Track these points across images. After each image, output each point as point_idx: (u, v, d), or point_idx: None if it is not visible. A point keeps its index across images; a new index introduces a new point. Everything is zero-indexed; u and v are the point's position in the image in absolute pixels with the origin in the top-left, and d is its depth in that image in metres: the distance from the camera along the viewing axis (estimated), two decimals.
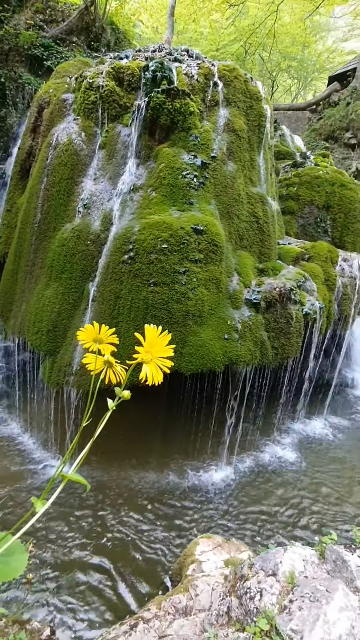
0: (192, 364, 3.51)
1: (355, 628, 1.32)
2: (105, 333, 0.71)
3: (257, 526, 3.46)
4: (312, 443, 4.80)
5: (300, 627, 1.33)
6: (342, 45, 20.86)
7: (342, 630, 1.29)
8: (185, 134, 3.76)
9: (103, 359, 0.70)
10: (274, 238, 4.43)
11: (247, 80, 4.21)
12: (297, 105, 13.05)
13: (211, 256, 3.55)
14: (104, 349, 0.71)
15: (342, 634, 1.29)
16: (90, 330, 0.70)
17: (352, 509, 3.72)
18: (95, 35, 10.34)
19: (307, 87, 23.91)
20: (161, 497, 3.71)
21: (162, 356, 0.65)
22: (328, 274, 4.64)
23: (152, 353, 0.64)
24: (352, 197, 5.78)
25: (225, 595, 1.99)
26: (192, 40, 18.92)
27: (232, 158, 3.95)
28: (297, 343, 4.01)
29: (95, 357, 0.69)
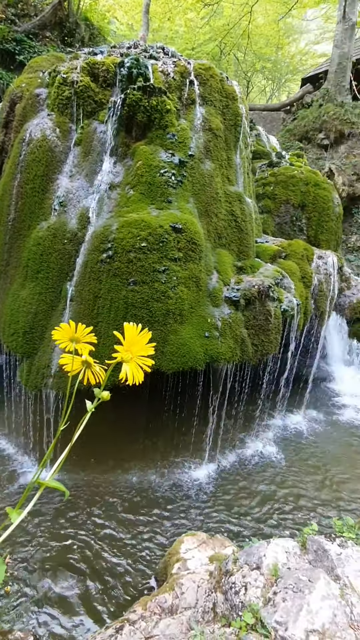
0: (174, 362, 3.51)
1: (337, 616, 1.36)
2: (82, 332, 0.68)
3: (241, 521, 3.50)
4: (292, 437, 4.91)
5: (285, 618, 1.35)
6: (314, 47, 21.38)
7: (324, 619, 1.32)
8: (163, 132, 3.75)
9: (81, 359, 0.67)
10: (252, 236, 4.49)
11: (223, 79, 4.24)
12: (271, 105, 13.27)
13: (191, 254, 3.55)
14: (81, 348, 0.68)
15: (325, 622, 1.32)
16: (67, 329, 0.67)
17: (332, 500, 3.83)
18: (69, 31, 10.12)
19: (281, 88, 24.38)
20: (144, 497, 3.69)
21: (143, 355, 0.63)
22: (304, 272, 4.74)
23: (132, 352, 0.62)
24: (325, 197, 5.94)
25: (210, 591, 2.00)
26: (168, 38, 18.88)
27: (210, 157, 3.96)
28: (276, 339, 4.08)
29: (73, 357, 0.66)
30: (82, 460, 4.00)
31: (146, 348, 0.63)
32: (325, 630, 1.30)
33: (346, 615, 1.43)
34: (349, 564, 1.68)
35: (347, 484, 4.08)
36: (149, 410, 4.54)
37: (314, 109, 9.89)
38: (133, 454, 4.22)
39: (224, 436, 4.58)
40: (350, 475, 4.20)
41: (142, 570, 3.04)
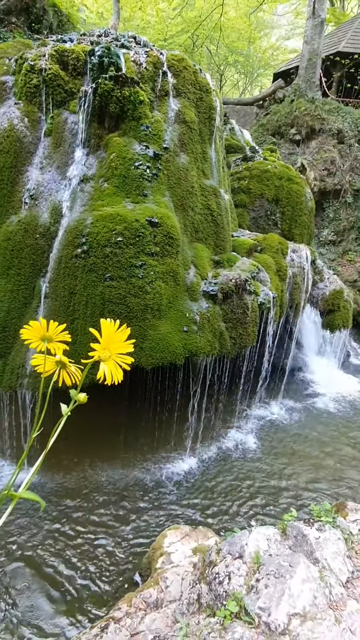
0: (153, 357, 3.49)
1: (317, 598, 1.40)
2: (54, 330, 0.63)
3: (223, 512, 3.56)
4: (270, 427, 5.02)
5: (267, 604, 1.38)
6: (285, 43, 21.63)
7: (305, 602, 1.36)
8: (136, 124, 3.67)
9: (55, 359, 0.63)
10: (228, 230, 4.51)
11: (196, 71, 4.20)
12: (245, 100, 13.33)
13: (167, 249, 3.52)
14: (55, 348, 0.64)
15: (306, 604, 1.36)
16: (37, 327, 0.62)
17: (311, 486, 3.96)
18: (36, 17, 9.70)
19: (254, 83, 24.54)
20: (126, 494, 3.68)
21: (122, 352, 0.60)
22: (279, 265, 4.83)
23: (110, 350, 0.59)
24: (298, 191, 6.05)
25: (195, 583, 2.02)
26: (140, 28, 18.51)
27: (184, 150, 3.93)
28: (254, 332, 4.14)
29: (45, 357, 0.62)
30: (62, 460, 3.92)
31: (125, 345, 0.60)
32: (306, 613, 1.34)
33: (325, 596, 1.48)
34: (327, 546, 1.74)
35: (325, 469, 4.23)
36: (129, 407, 4.50)
37: (286, 104, 10.02)
38: (115, 451, 4.18)
39: (205, 429, 4.63)
40: (327, 461, 4.36)
41: (127, 567, 3.04)
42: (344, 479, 4.09)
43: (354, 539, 1.89)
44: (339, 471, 4.22)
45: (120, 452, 4.18)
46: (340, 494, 3.89)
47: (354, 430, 5.02)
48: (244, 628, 1.34)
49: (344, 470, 4.24)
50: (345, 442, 4.76)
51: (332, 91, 11.62)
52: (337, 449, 4.61)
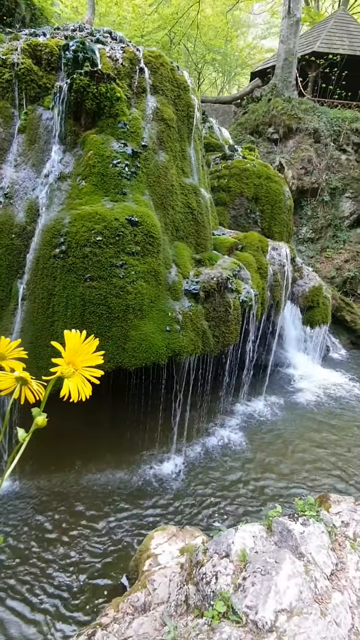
0: (136, 358, 3.45)
1: (303, 592, 1.42)
2: (6, 347, 0.58)
3: (210, 511, 3.57)
4: (254, 423, 5.08)
5: (254, 602, 1.38)
6: (261, 42, 21.85)
7: (291, 597, 1.37)
8: (114, 121, 3.61)
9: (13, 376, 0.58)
10: (209, 229, 4.52)
11: (174, 68, 4.17)
12: (223, 98, 13.38)
13: (148, 248, 3.49)
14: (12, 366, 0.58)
15: (292, 600, 1.37)
16: None
17: (296, 480, 4.03)
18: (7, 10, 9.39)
19: (232, 82, 24.68)
20: (111, 498, 3.63)
21: (90, 365, 0.55)
22: (260, 263, 4.88)
23: (76, 363, 0.54)
24: (277, 190, 6.12)
25: (182, 584, 2.02)
26: (116, 24, 18.25)
27: (163, 148, 3.90)
28: (236, 330, 4.16)
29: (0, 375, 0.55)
30: (45, 465, 3.84)
31: (93, 357, 0.55)
32: (292, 609, 1.36)
33: (311, 590, 1.50)
34: (311, 540, 1.77)
35: (309, 464, 4.31)
36: (113, 408, 4.45)
37: (263, 103, 10.12)
38: (98, 453, 4.12)
39: (190, 428, 4.63)
40: (312, 456, 4.44)
41: (114, 571, 3.00)
42: (327, 471, 4.19)
43: (337, 531, 1.93)
44: (321, 463, 4.31)
45: (104, 454, 4.13)
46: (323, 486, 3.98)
47: (335, 423, 5.14)
48: (232, 628, 1.34)
49: (326, 463, 4.33)
50: (327, 434, 4.87)
51: (307, 91, 11.83)
52: (320, 441, 4.71)
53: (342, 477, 4.12)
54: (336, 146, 9.72)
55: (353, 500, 2.30)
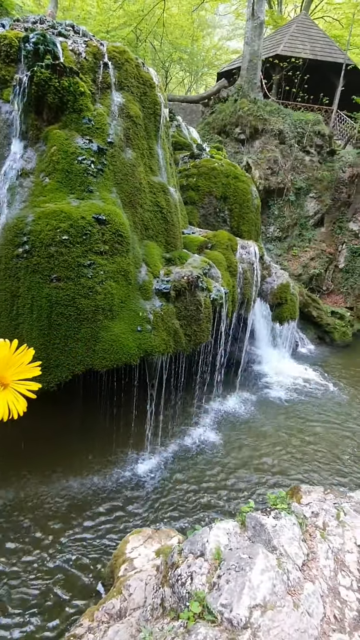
0: (107, 359, 3.38)
1: (276, 585, 1.44)
2: None
3: (186, 509, 3.57)
4: (228, 419, 5.14)
5: (229, 599, 1.38)
6: (227, 43, 22.13)
7: (265, 592, 1.38)
8: (78, 116, 3.51)
9: None
10: (178, 227, 4.50)
11: (139, 65, 4.12)
12: (190, 97, 13.42)
13: (117, 247, 3.42)
14: None
15: (266, 594, 1.38)
16: None
17: (269, 474, 4.11)
18: None
19: (199, 81, 24.84)
20: (86, 503, 3.54)
21: (25, 378, 0.49)
22: (230, 261, 4.93)
23: (7, 377, 0.48)
24: (244, 189, 6.22)
25: (158, 587, 1.99)
26: (80, 19, 17.81)
27: (130, 145, 3.84)
28: (208, 328, 4.19)
29: None
30: (16, 474, 3.68)
31: (28, 369, 0.49)
32: (266, 603, 1.37)
33: (284, 582, 1.53)
34: (283, 533, 1.80)
35: (283, 456, 4.42)
36: (84, 411, 4.34)
37: (230, 103, 10.25)
38: (70, 458, 4.01)
39: (164, 427, 4.61)
40: (285, 449, 4.56)
41: (89, 579, 2.93)
42: (300, 463, 4.31)
43: (308, 522, 1.97)
44: (294, 456, 4.43)
45: (77, 459, 4.02)
46: (297, 476, 4.09)
47: (306, 416, 5.31)
48: (207, 628, 1.34)
49: (299, 455, 4.46)
50: (298, 427, 5.02)
51: (272, 93, 12.12)
52: (292, 435, 4.85)
53: (314, 468, 4.25)
54: (300, 147, 10.03)
55: (322, 490, 2.37)
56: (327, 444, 4.73)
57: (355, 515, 2.02)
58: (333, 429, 5.07)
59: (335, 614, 1.45)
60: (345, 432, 5.02)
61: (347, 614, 1.46)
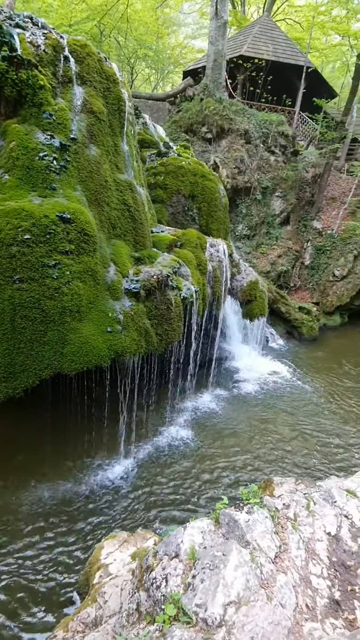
0: (76, 362, 3.29)
1: (250, 580, 1.45)
2: None
3: (163, 510, 3.55)
4: (202, 417, 5.17)
5: (204, 599, 1.38)
6: (192, 42, 22.21)
7: (239, 587, 1.39)
8: (38, 110, 3.37)
9: None
10: (147, 226, 4.46)
11: (101, 59, 4.02)
12: (157, 95, 13.34)
13: (83, 246, 3.33)
14: None
15: (240, 590, 1.39)
16: None
17: (244, 469, 4.17)
18: None
19: (165, 79, 24.76)
20: (58, 511, 3.44)
21: None
22: (199, 259, 4.95)
23: None
24: (212, 188, 6.26)
25: (134, 591, 1.96)
26: (41, 11, 17.18)
27: (95, 142, 3.74)
28: (179, 327, 4.18)
29: None
30: None
31: None
32: (240, 599, 1.38)
33: (257, 576, 1.55)
34: (256, 527, 1.82)
35: (256, 450, 4.50)
36: (54, 416, 4.21)
37: (196, 102, 10.28)
38: (42, 464, 3.87)
39: (139, 428, 4.56)
40: (258, 442, 4.65)
41: (63, 590, 2.84)
42: (271, 457, 4.41)
43: (279, 514, 2.01)
44: (267, 448, 4.53)
45: (49, 465, 3.89)
46: (270, 468, 4.19)
47: (277, 410, 5.45)
48: (183, 630, 1.33)
49: (271, 447, 4.57)
50: (271, 422, 5.14)
51: (237, 93, 12.29)
52: (265, 428, 4.95)
53: (287, 460, 4.37)
54: (265, 147, 10.25)
55: (294, 481, 2.43)
56: (298, 436, 4.88)
57: (324, 504, 2.08)
58: (302, 422, 5.24)
59: (307, 602, 1.49)
60: (314, 424, 5.20)
61: (319, 602, 1.50)
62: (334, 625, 1.36)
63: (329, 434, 4.94)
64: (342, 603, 1.50)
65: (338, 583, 1.62)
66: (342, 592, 1.54)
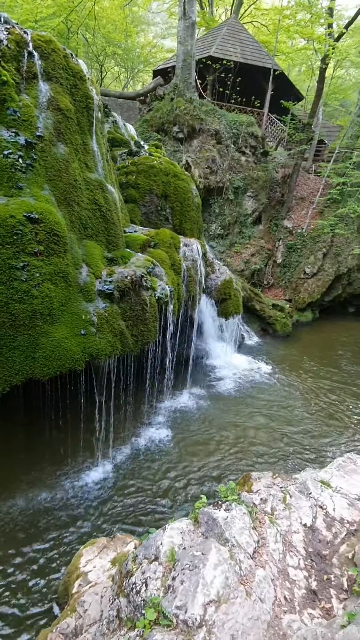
0: (49, 367, 3.19)
1: (229, 578, 1.46)
2: None
3: (142, 512, 3.51)
4: (180, 416, 5.17)
5: (184, 600, 1.37)
6: (161, 41, 22.16)
7: (218, 586, 1.40)
8: (1, 107, 3.24)
9: None
10: (119, 226, 4.40)
11: (67, 56, 3.92)
12: (127, 94, 13.20)
13: (53, 247, 3.24)
14: None
15: (219, 588, 1.40)
16: None
17: (222, 467, 4.21)
18: None
19: (136, 78, 24.58)
20: (34, 522, 3.33)
21: None
22: (173, 259, 4.94)
23: None
24: (185, 187, 6.27)
25: (114, 598, 1.93)
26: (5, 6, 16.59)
27: (62, 140, 3.65)
28: (155, 327, 4.16)
29: None
30: None
31: None
32: (220, 597, 1.38)
33: (236, 573, 1.56)
34: (234, 524, 1.84)
35: (234, 447, 4.55)
36: (27, 423, 4.08)
37: (167, 102, 10.27)
38: (15, 474, 3.74)
39: (116, 431, 4.50)
40: (236, 439, 4.70)
41: (42, 601, 2.76)
42: (249, 453, 4.48)
43: (257, 509, 2.04)
44: (243, 447, 4.59)
45: (22, 474, 3.76)
46: (248, 464, 4.25)
47: (254, 406, 5.53)
48: (163, 633, 1.31)
49: (249, 443, 4.63)
50: (248, 417, 5.22)
51: (207, 93, 12.38)
52: (242, 426, 5.02)
53: (264, 455, 4.45)
54: (236, 148, 10.39)
55: (271, 475, 2.47)
56: (274, 431, 4.98)
57: (299, 496, 2.13)
58: (278, 417, 5.35)
59: (286, 595, 1.51)
60: (289, 419, 5.32)
61: (296, 593, 1.53)
62: (312, 615, 1.39)
63: (303, 429, 5.08)
64: (318, 592, 1.53)
65: (314, 573, 1.66)
66: (318, 582, 1.58)
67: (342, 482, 2.16)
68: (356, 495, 2.07)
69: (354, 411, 5.61)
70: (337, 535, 1.81)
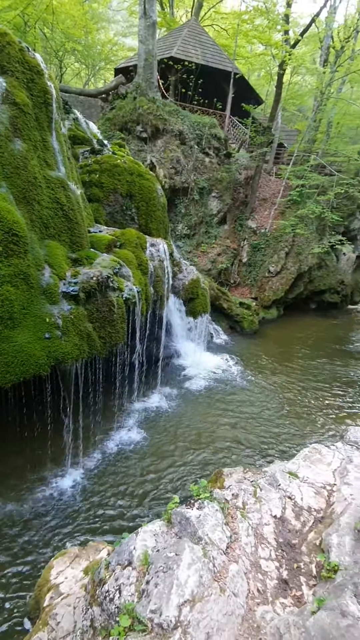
0: (11, 374, 3.05)
1: (203, 576, 1.46)
2: None
3: (115, 518, 3.45)
4: (152, 417, 5.13)
5: (158, 604, 1.36)
6: (122, 39, 21.93)
7: (192, 585, 1.39)
8: None
9: None
10: (83, 226, 4.29)
11: (23, 49, 3.76)
12: (88, 91, 12.92)
13: (12, 248, 3.09)
14: None
15: (193, 588, 1.39)
16: None
17: (195, 466, 4.22)
18: None
19: (97, 75, 24.13)
20: (1, 536, 3.16)
21: None
22: (140, 259, 4.90)
23: None
24: (150, 187, 6.24)
25: (87, 608, 1.87)
26: None
27: (20, 136, 3.49)
28: (123, 328, 4.10)
29: None
30: None
31: None
32: (194, 596, 1.38)
33: (210, 570, 1.56)
34: (207, 521, 1.85)
35: (207, 445, 4.58)
36: None
37: (129, 101, 10.16)
38: None
39: (86, 436, 4.38)
40: (208, 438, 4.74)
41: (12, 617, 2.63)
42: (220, 450, 4.54)
43: (229, 505, 2.07)
44: (217, 442, 4.64)
45: None
46: (221, 461, 4.30)
47: (224, 404, 5.61)
48: (138, 639, 1.29)
49: (221, 440, 4.69)
50: (218, 414, 5.28)
51: (169, 94, 12.41)
52: (213, 422, 5.08)
53: (234, 451, 4.52)
54: (200, 149, 10.50)
55: (242, 470, 2.52)
56: (245, 427, 5.08)
57: (269, 488, 2.19)
58: (248, 414, 5.47)
59: (258, 587, 1.54)
60: (257, 414, 5.46)
61: (269, 584, 1.56)
62: (284, 605, 1.42)
63: (272, 423, 5.23)
64: (289, 581, 1.58)
65: (285, 562, 1.71)
66: (289, 571, 1.63)
67: (308, 472, 2.24)
68: (322, 484, 2.15)
69: (314, 404, 5.86)
70: (305, 524, 1.87)
